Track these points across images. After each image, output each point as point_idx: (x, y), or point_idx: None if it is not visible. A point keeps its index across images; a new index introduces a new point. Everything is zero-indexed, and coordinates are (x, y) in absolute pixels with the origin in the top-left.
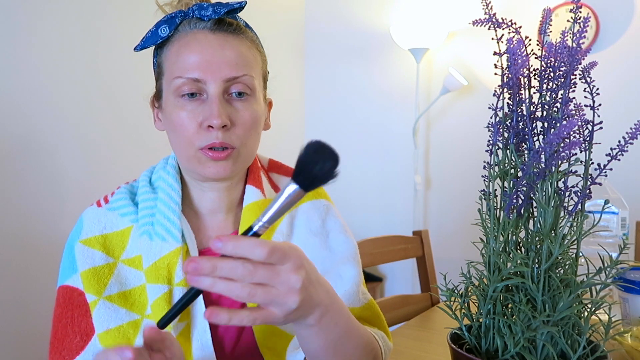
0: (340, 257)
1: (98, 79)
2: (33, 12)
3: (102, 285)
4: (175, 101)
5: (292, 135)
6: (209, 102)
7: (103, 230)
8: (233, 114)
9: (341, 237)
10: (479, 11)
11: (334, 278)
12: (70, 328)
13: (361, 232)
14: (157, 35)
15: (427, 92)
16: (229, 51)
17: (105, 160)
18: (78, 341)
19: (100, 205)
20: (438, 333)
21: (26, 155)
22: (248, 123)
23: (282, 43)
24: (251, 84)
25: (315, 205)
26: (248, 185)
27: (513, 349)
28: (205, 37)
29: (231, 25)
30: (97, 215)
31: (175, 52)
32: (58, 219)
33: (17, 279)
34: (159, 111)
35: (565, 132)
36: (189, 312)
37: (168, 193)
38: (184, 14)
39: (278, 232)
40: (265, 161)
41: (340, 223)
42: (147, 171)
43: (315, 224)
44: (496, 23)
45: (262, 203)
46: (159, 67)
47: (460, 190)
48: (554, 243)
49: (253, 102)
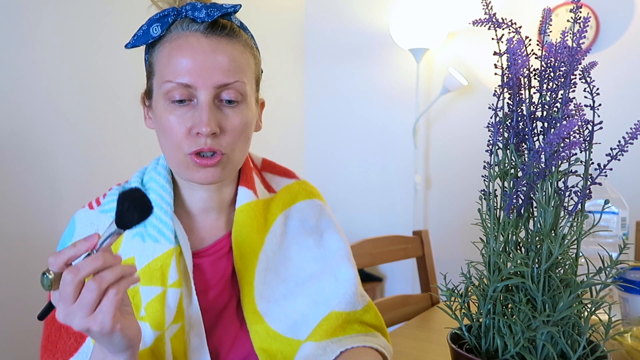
0: (334, 257)
1: (96, 78)
2: (32, 12)
3: None
4: (165, 104)
5: (292, 135)
6: (198, 109)
7: (95, 232)
8: (223, 120)
9: (335, 237)
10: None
11: (328, 279)
12: (64, 330)
13: (361, 232)
14: (149, 34)
15: (427, 92)
16: (221, 56)
17: (103, 159)
18: (72, 342)
19: (92, 207)
20: (438, 333)
21: (24, 154)
22: (238, 129)
23: (282, 43)
24: (243, 90)
25: (309, 205)
26: (240, 186)
27: (513, 349)
28: (198, 41)
29: (225, 28)
30: (89, 218)
31: (166, 54)
32: (56, 219)
33: (15, 279)
34: (150, 110)
35: (565, 132)
36: (182, 314)
37: (160, 194)
38: (177, 12)
39: (271, 233)
40: (258, 160)
41: (334, 222)
42: (139, 172)
43: (310, 224)
44: (496, 23)
45: (255, 204)
46: (150, 67)
47: (460, 190)
48: (554, 243)
49: (244, 108)
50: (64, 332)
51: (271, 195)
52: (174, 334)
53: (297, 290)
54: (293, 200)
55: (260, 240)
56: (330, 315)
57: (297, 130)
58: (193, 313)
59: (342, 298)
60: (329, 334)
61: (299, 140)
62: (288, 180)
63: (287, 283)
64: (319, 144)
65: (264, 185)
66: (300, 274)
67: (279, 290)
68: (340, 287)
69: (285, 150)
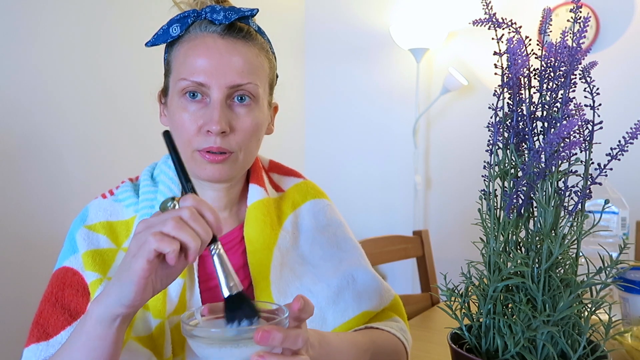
0: (351, 257)
1: (100, 78)
2: (34, 13)
3: (108, 266)
4: (179, 101)
5: (292, 135)
6: (210, 107)
7: (109, 217)
8: (234, 119)
9: (349, 238)
10: (479, 11)
11: (348, 282)
12: (59, 305)
13: (361, 232)
14: (169, 33)
15: (427, 92)
16: (236, 57)
17: (106, 159)
18: (66, 318)
19: (105, 197)
20: (438, 333)
21: (28, 154)
22: (248, 130)
23: (282, 43)
24: (255, 91)
25: (319, 205)
26: (251, 184)
27: (513, 348)
28: (214, 42)
29: (241, 31)
30: (102, 205)
31: (183, 53)
32: (60, 218)
33: (19, 278)
34: (165, 107)
35: (565, 132)
36: (185, 305)
37: (168, 186)
38: (197, 14)
39: (284, 229)
40: (265, 162)
41: (343, 223)
42: (149, 167)
43: (321, 222)
44: (496, 23)
45: (267, 201)
46: (168, 65)
47: (460, 190)
48: (554, 243)
49: (255, 109)
50: (59, 309)
51: (280, 194)
52: (175, 326)
53: (315, 288)
54: (303, 199)
55: (275, 236)
56: (357, 316)
57: (297, 130)
58: (194, 305)
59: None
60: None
61: (299, 140)
62: (296, 180)
63: (303, 280)
64: (319, 144)
65: (272, 185)
66: (317, 272)
67: (295, 285)
68: (361, 289)
69: (285, 151)
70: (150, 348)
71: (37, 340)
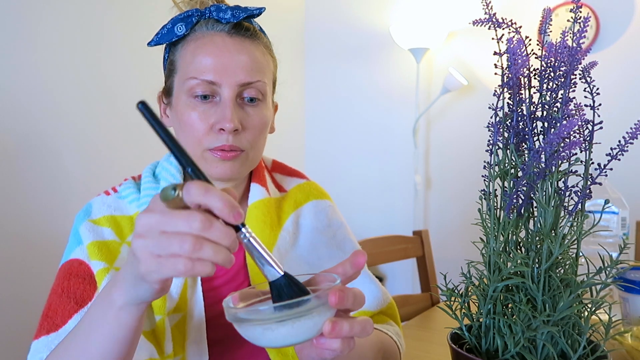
0: None
1: (99, 78)
2: (34, 12)
3: (114, 257)
4: (187, 101)
5: (292, 135)
6: (222, 105)
7: (113, 212)
8: (244, 118)
9: (350, 239)
10: (479, 11)
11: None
12: (65, 295)
13: (361, 232)
14: (173, 32)
15: (427, 92)
16: (245, 56)
17: (106, 159)
18: (72, 306)
19: (108, 194)
20: (438, 333)
21: (28, 154)
22: (258, 128)
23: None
24: (263, 89)
25: (320, 205)
26: (253, 183)
27: (513, 348)
28: (223, 40)
29: (248, 30)
30: (106, 201)
31: (191, 52)
32: (60, 218)
33: (19, 278)
34: (167, 107)
35: (565, 132)
36: (186, 303)
37: (170, 182)
38: (201, 13)
39: (284, 230)
40: (268, 162)
41: (344, 224)
42: (151, 165)
43: (322, 223)
44: (496, 23)
45: (268, 202)
46: (172, 64)
47: (460, 190)
48: (554, 243)
49: (264, 107)
50: (65, 299)
51: (282, 194)
52: (175, 324)
53: None
54: (305, 199)
55: (274, 236)
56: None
57: (297, 130)
58: (196, 304)
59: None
60: None
61: (299, 140)
62: (299, 180)
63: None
64: (319, 144)
65: (275, 185)
66: (315, 272)
67: None
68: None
69: (286, 150)
70: (153, 343)
71: (47, 332)
